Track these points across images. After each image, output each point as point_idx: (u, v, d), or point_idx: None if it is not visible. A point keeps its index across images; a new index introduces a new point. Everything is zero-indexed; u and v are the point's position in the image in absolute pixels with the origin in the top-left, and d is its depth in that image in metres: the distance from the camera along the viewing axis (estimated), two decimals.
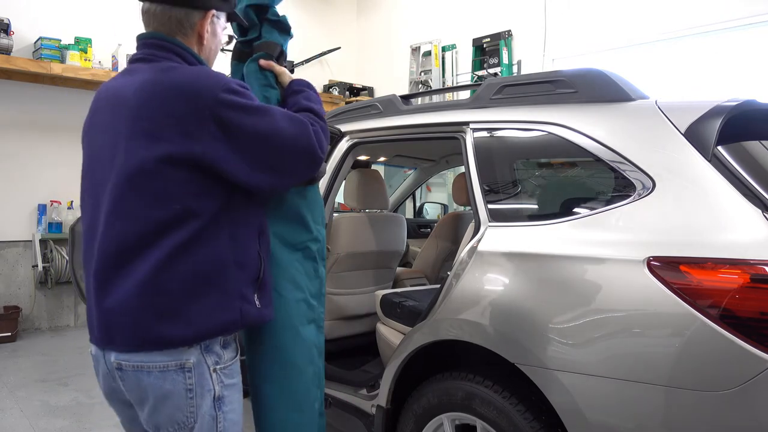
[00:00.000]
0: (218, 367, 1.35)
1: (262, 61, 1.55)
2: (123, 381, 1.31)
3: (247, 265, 1.38)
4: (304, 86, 1.59)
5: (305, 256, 1.61)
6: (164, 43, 1.33)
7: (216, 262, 1.31)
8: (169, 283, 1.26)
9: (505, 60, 5.41)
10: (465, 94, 4.73)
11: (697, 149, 1.51)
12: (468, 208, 3.27)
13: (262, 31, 1.57)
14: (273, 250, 1.53)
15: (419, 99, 4.52)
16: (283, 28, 1.59)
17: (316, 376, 1.63)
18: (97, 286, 1.30)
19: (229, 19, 1.47)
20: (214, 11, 1.37)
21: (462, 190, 2.90)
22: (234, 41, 1.61)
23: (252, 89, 1.44)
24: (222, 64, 1.46)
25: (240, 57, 1.61)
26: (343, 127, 2.55)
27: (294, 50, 5.82)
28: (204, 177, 1.28)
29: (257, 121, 1.31)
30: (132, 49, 1.42)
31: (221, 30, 1.43)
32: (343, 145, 2.54)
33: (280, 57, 1.59)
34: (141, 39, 1.37)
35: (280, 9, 1.63)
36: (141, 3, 1.36)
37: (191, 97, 1.25)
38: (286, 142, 1.36)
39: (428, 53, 6.17)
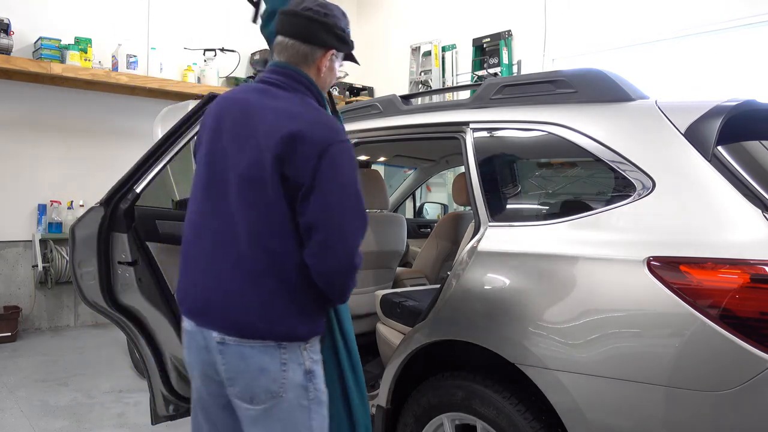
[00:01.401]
0: (307, 345, 1.53)
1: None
2: (223, 355, 1.48)
3: None
4: None
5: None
6: (297, 75, 1.58)
7: None
8: None
9: (505, 60, 5.40)
10: (465, 94, 4.72)
11: (697, 149, 1.51)
12: (468, 208, 3.27)
13: None
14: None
15: (419, 99, 4.51)
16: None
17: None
18: None
19: (346, 58, 1.72)
20: (333, 51, 1.61)
21: (462, 190, 2.89)
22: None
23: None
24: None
25: None
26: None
27: None
28: None
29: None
30: (131, 48, 1.44)
31: (338, 66, 1.68)
32: None
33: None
34: (276, 66, 1.60)
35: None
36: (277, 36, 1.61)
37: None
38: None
39: (428, 53, 6.16)
